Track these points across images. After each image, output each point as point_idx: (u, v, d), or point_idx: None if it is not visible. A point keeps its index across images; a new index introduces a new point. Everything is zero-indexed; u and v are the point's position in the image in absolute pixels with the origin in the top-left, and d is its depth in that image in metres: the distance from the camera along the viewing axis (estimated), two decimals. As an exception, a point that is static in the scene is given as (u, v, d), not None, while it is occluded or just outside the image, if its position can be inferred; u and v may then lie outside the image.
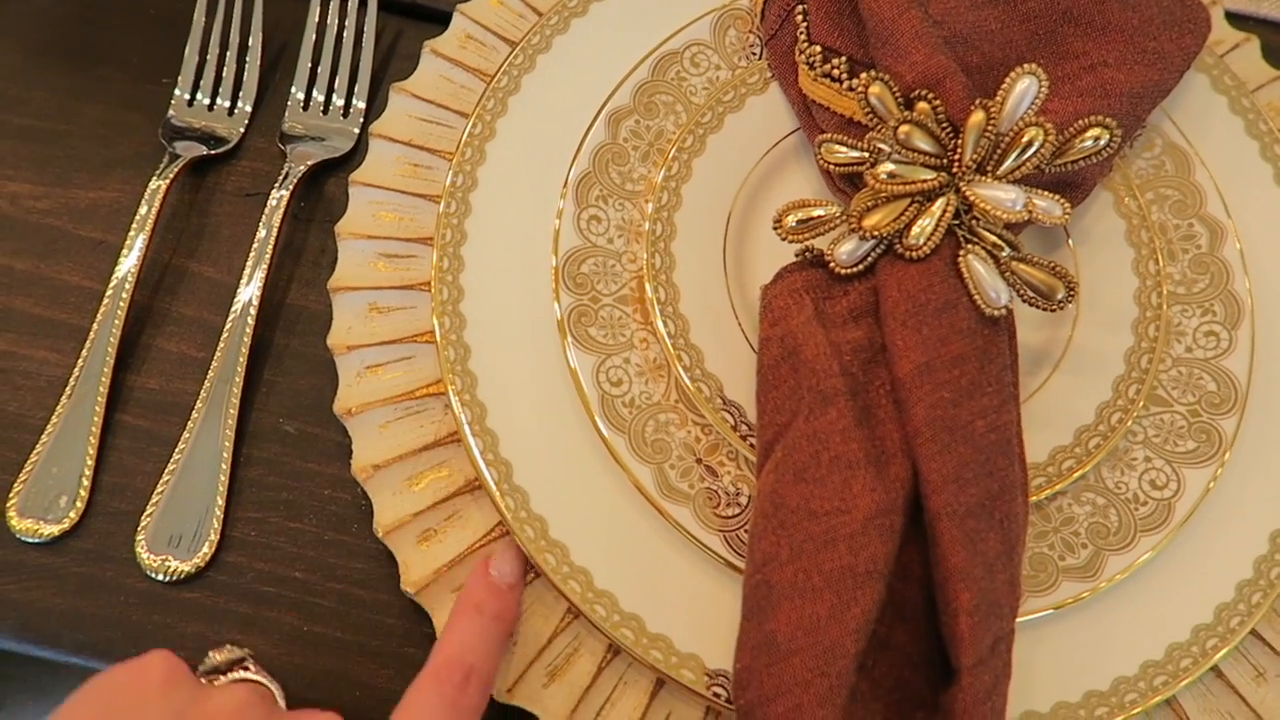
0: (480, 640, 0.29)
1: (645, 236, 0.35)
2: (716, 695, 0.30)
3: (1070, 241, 0.36)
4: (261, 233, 0.37)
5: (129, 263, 0.37)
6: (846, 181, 0.34)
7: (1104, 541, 0.32)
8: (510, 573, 0.31)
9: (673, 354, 0.33)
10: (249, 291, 0.37)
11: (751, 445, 0.32)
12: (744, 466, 0.33)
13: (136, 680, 0.27)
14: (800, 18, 0.36)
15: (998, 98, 0.31)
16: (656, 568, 0.32)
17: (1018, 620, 0.30)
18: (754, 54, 0.38)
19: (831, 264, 0.32)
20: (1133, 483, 0.33)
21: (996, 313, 0.30)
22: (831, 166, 0.33)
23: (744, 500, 0.32)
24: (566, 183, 0.35)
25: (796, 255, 0.33)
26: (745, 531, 0.32)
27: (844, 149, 0.33)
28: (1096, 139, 0.31)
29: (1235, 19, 0.42)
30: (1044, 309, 0.31)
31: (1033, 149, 0.30)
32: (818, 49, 0.35)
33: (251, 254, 0.37)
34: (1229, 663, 0.33)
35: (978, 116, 0.30)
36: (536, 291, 0.34)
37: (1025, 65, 0.30)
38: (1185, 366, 0.35)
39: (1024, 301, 0.31)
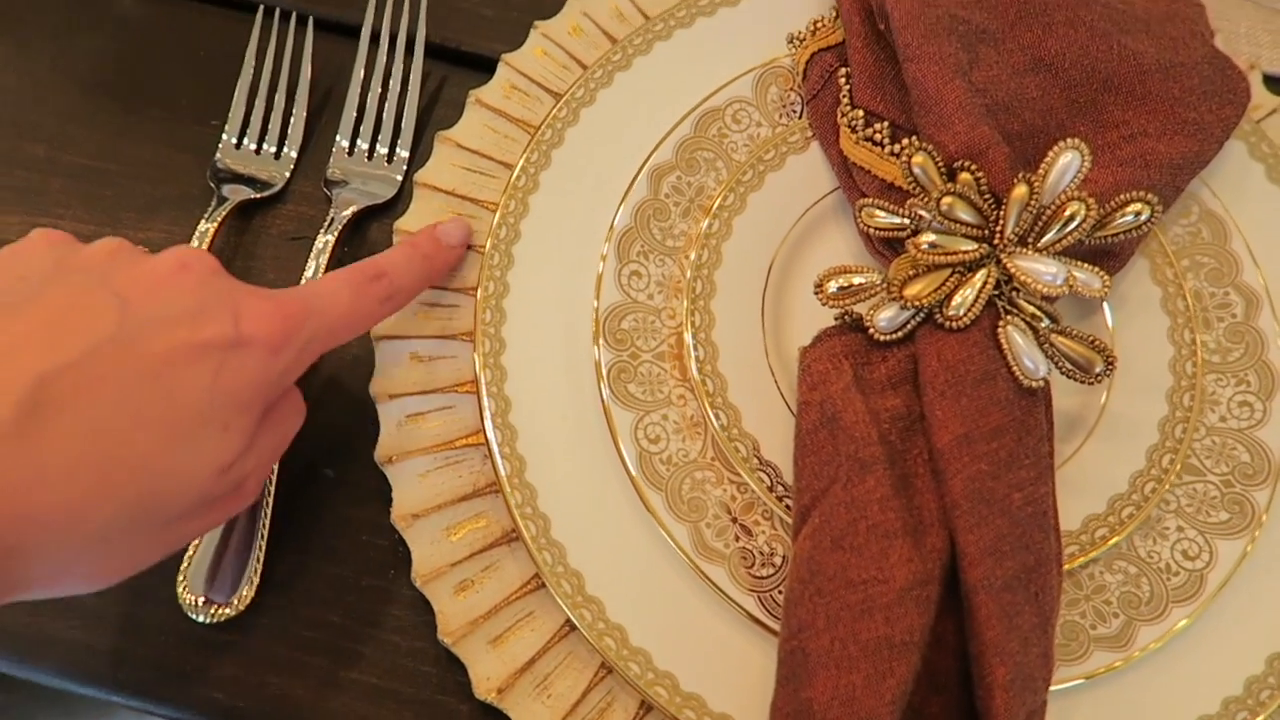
0: (405, 261, 0.33)
1: (685, 293, 0.35)
2: (748, 757, 0.31)
3: (1106, 307, 0.36)
4: (309, 272, 0.38)
5: (176, 304, 0.37)
6: (886, 245, 0.35)
7: (1136, 611, 0.32)
8: (454, 236, 0.36)
9: (709, 412, 0.34)
10: (292, 336, 0.37)
11: (787, 506, 0.33)
12: (779, 527, 0.33)
13: (22, 247, 0.28)
14: (843, 80, 0.37)
15: (1040, 171, 0.31)
16: (691, 626, 0.32)
17: (1054, 690, 0.30)
18: (795, 112, 0.38)
19: (871, 330, 0.32)
20: (1165, 552, 0.33)
21: (1035, 384, 0.31)
22: (872, 230, 0.34)
23: (778, 560, 0.33)
24: (609, 237, 0.36)
25: (836, 319, 0.33)
26: (779, 592, 0.32)
27: (884, 214, 0.33)
28: (1138, 214, 0.31)
29: (1273, 83, 0.43)
30: (1082, 381, 0.31)
31: (1075, 223, 0.31)
32: (860, 113, 0.35)
33: (295, 298, 0.38)
34: (1258, 736, 0.33)
35: (1020, 190, 0.31)
36: (577, 346, 0.35)
37: (1069, 140, 0.31)
38: (1219, 436, 0.35)
39: (1062, 373, 0.32)
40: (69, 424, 0.24)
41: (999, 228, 0.31)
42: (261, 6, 0.42)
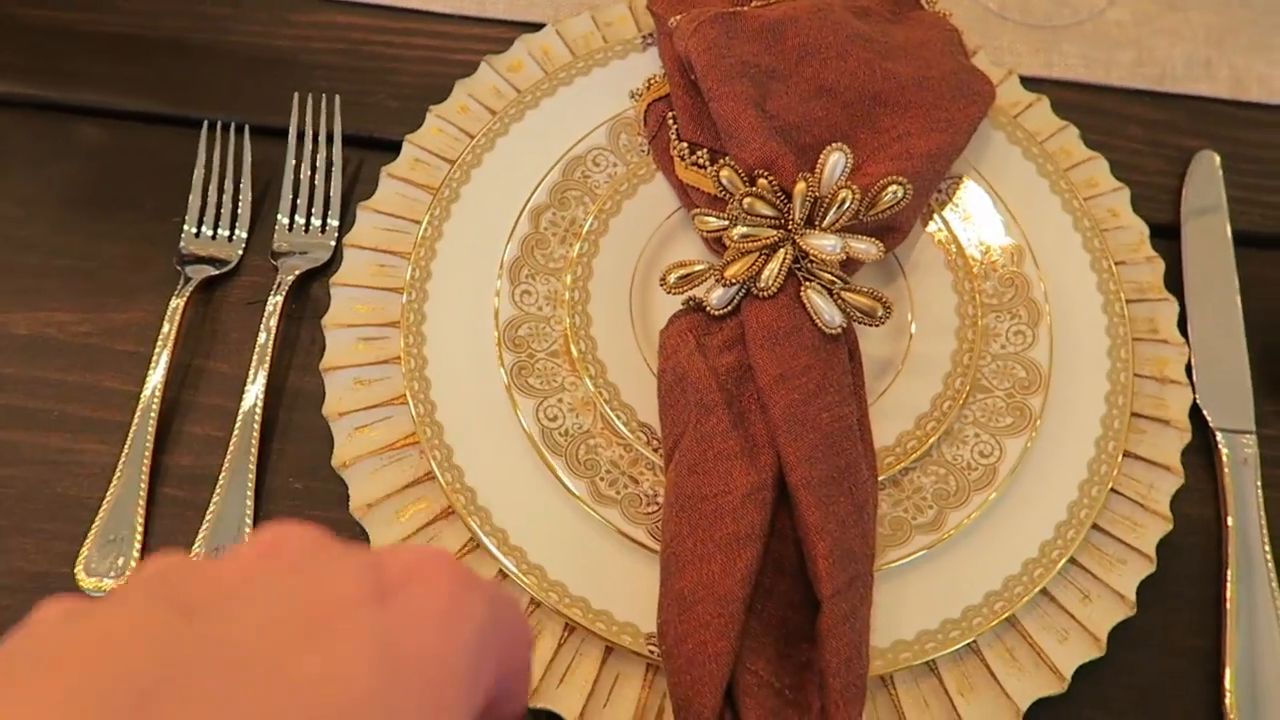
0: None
1: (566, 304, 0.44)
2: (651, 652, 0.38)
3: (904, 272, 0.46)
4: (263, 333, 0.46)
5: (159, 367, 0.45)
6: (718, 244, 0.44)
7: (946, 502, 0.41)
8: None
9: (595, 392, 0.42)
10: (257, 379, 0.45)
11: (662, 456, 0.41)
12: (659, 474, 0.41)
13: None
14: (671, 121, 0.46)
15: (816, 170, 0.40)
16: (596, 558, 0.40)
17: (885, 568, 0.39)
18: (642, 151, 0.48)
19: (707, 307, 0.41)
20: (966, 454, 0.42)
21: (833, 331, 0.40)
22: (705, 233, 0.43)
23: (660, 500, 0.41)
24: (502, 266, 0.45)
25: (683, 304, 0.42)
26: (661, 522, 0.40)
27: (713, 219, 0.42)
28: (895, 192, 0.41)
29: (1030, 83, 0.53)
30: (871, 324, 0.40)
31: (846, 205, 0.40)
32: (685, 144, 0.45)
33: (256, 350, 0.46)
34: (1058, 589, 0.41)
35: (801, 185, 0.40)
36: (484, 354, 0.43)
37: (835, 144, 0.40)
38: (1001, 360, 0.44)
39: (855, 321, 0.41)
40: None
41: (790, 216, 0.41)
42: (205, 121, 0.51)
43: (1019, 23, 0.55)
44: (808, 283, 0.40)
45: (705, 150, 0.44)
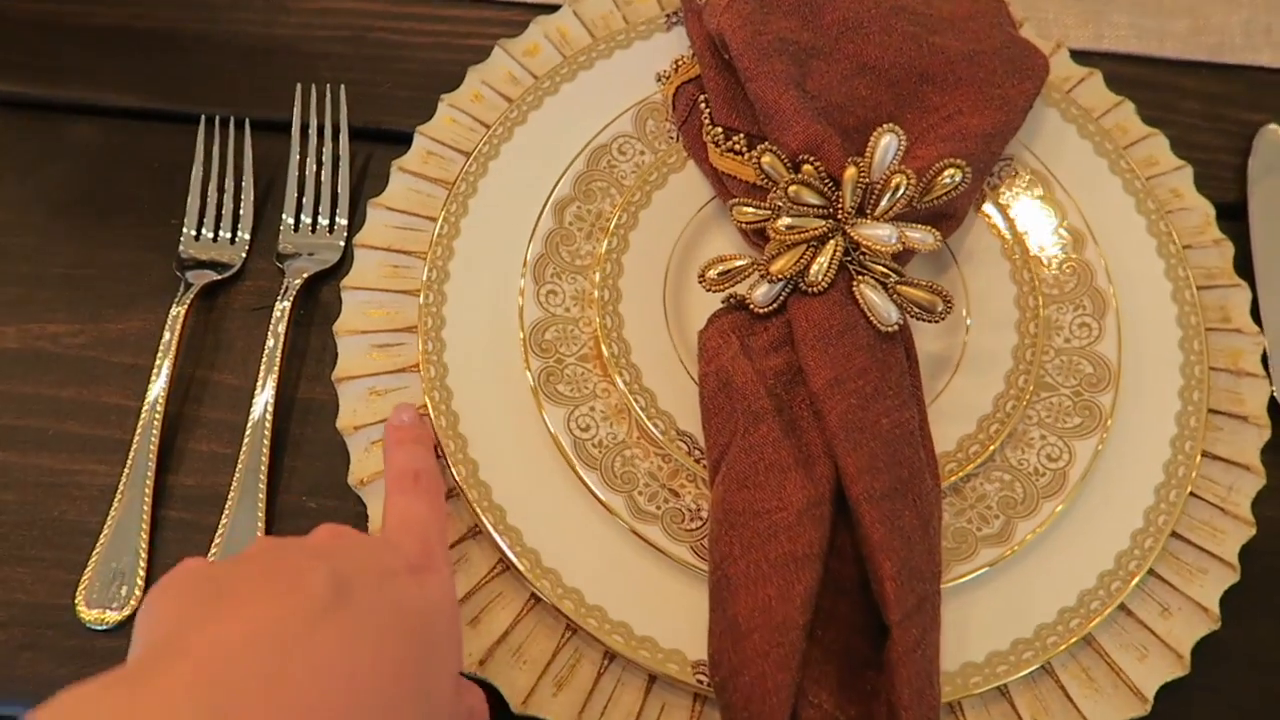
0: (410, 456, 0.36)
1: (596, 303, 0.41)
2: (700, 681, 0.35)
3: (957, 262, 0.42)
4: (270, 341, 0.43)
5: (160, 380, 0.42)
6: (758, 235, 0.41)
7: (1013, 511, 0.38)
8: (406, 415, 0.38)
9: (630, 399, 0.39)
10: (265, 391, 0.42)
11: (704, 467, 0.38)
12: (701, 486, 0.38)
13: (188, 566, 0.28)
14: (704, 105, 0.43)
15: (867, 154, 0.37)
16: (637, 579, 0.37)
17: (951, 585, 0.36)
18: (671, 138, 0.45)
19: (751, 305, 0.38)
20: (1032, 458, 0.39)
21: (890, 329, 0.36)
22: (744, 224, 0.40)
23: (704, 515, 0.38)
24: (525, 265, 0.42)
25: (722, 302, 0.39)
26: (708, 540, 0.37)
27: (751, 209, 0.39)
28: (952, 176, 0.37)
29: (1080, 56, 0.49)
30: (930, 321, 0.37)
31: (900, 191, 0.37)
32: (720, 129, 0.42)
33: (264, 360, 0.43)
34: (1136, 602, 0.38)
35: (851, 171, 0.37)
36: (509, 360, 0.40)
37: (886, 125, 0.37)
38: (1065, 355, 0.41)
39: (913, 317, 0.37)
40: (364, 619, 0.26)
41: (840, 205, 0.37)
42: (203, 116, 0.48)
43: (1065, -8, 0.52)
44: (860, 276, 0.37)
45: (742, 135, 0.41)
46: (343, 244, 0.46)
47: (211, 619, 0.25)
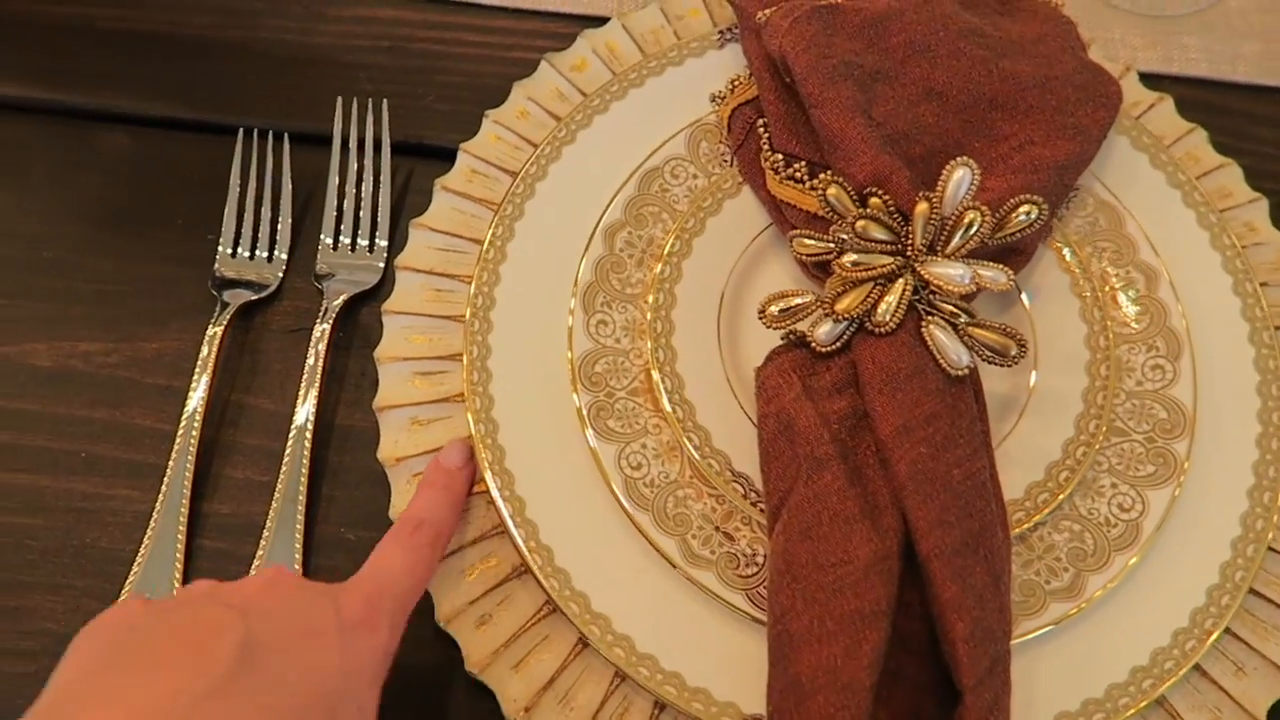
0: (431, 502, 0.36)
1: (648, 334, 0.39)
2: (755, 737, 0.34)
3: (1023, 297, 0.41)
4: (310, 360, 0.42)
5: (194, 402, 0.41)
6: (818, 267, 0.39)
7: (1083, 563, 0.36)
8: (456, 457, 0.38)
9: (683, 437, 0.38)
10: (303, 416, 0.41)
11: (761, 510, 0.36)
12: (757, 530, 0.37)
13: (118, 609, 0.29)
14: (762, 129, 0.41)
15: (938, 188, 0.35)
16: (690, 627, 0.36)
17: (1015, 642, 0.34)
18: (726, 162, 0.43)
19: (813, 344, 0.36)
20: (1103, 508, 0.37)
21: (960, 373, 0.35)
22: (804, 257, 0.38)
23: (760, 560, 0.36)
24: (574, 293, 0.40)
25: (782, 339, 0.38)
26: (765, 588, 0.36)
27: (812, 241, 0.38)
28: (1028, 213, 0.36)
29: (1149, 80, 0.48)
30: (1001, 365, 0.36)
31: (974, 228, 0.35)
32: (780, 156, 0.40)
33: (302, 382, 0.42)
34: (1210, 661, 0.36)
35: (923, 206, 0.35)
36: (557, 393, 0.39)
37: (960, 158, 0.35)
38: (1137, 399, 0.39)
39: (983, 360, 0.36)
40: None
41: (910, 241, 0.36)
42: (240, 129, 0.47)
43: (1130, 12, 0.50)
44: (929, 317, 0.36)
45: (803, 163, 0.40)
46: (383, 265, 0.45)
47: (111, 686, 0.26)
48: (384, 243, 0.45)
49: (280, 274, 0.45)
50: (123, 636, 0.27)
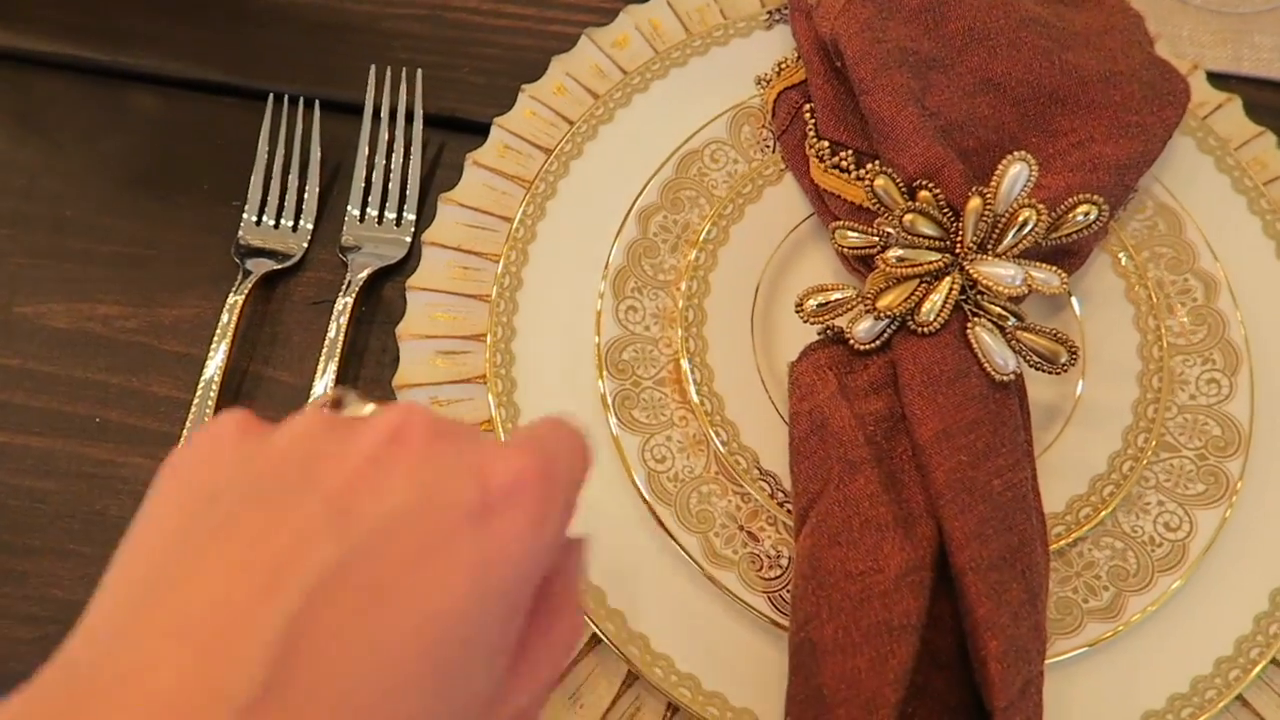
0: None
1: (679, 323, 0.38)
2: (771, 747, 0.33)
3: (1074, 302, 0.39)
4: (331, 333, 0.41)
5: (211, 371, 0.40)
6: (860, 261, 0.37)
7: (1124, 583, 0.35)
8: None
9: (710, 430, 0.36)
10: (321, 390, 0.40)
11: (788, 511, 0.35)
12: (783, 531, 0.35)
13: (209, 448, 0.22)
14: (808, 114, 0.40)
15: (992, 183, 0.34)
16: (708, 629, 0.34)
17: (1049, 662, 0.33)
18: (768, 148, 0.41)
19: (851, 341, 0.35)
20: (1148, 526, 0.35)
21: (1005, 378, 0.33)
22: (846, 249, 0.36)
23: (784, 562, 0.35)
24: (604, 277, 0.39)
25: (819, 334, 0.36)
26: (788, 591, 0.34)
27: (856, 234, 0.36)
28: (1086, 214, 0.34)
29: (1217, 79, 0.45)
30: (1049, 372, 0.34)
31: (1028, 227, 0.33)
32: (826, 143, 0.38)
33: (322, 356, 0.41)
34: (1254, 692, 0.34)
35: (975, 202, 0.33)
36: (582, 379, 0.38)
37: (1017, 153, 0.33)
38: (1190, 414, 0.37)
39: (1031, 366, 0.34)
40: (321, 690, 0.18)
41: (959, 238, 0.34)
42: (271, 94, 0.46)
43: (1201, 8, 0.48)
44: (975, 318, 0.34)
45: (850, 151, 0.38)
46: (409, 239, 0.43)
47: (180, 579, 0.19)
48: (411, 216, 0.44)
49: (305, 244, 0.44)
50: (203, 508, 0.21)
